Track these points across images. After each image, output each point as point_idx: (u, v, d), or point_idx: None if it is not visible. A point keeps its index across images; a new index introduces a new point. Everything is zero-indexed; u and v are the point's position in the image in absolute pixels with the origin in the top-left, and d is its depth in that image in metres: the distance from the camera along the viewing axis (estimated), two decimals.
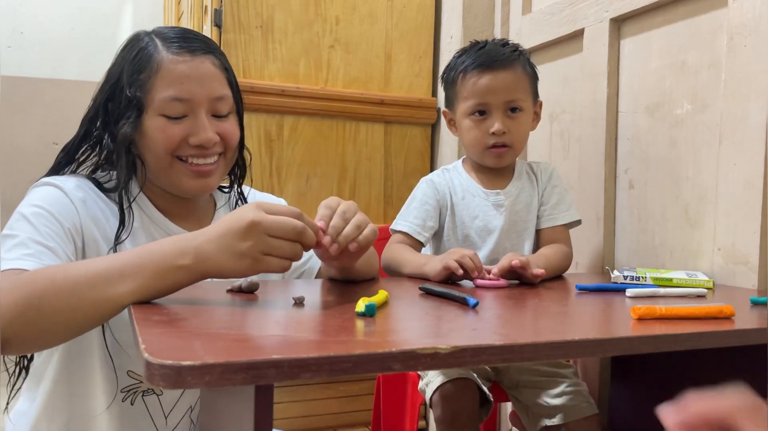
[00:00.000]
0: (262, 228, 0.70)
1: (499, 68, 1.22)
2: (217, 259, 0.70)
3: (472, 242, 1.27)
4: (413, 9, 2.10)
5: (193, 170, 0.95)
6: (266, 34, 1.91)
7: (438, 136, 2.13)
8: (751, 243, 1.14)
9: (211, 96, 0.94)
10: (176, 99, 0.92)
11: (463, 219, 1.28)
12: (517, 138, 1.26)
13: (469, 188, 1.30)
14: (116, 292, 0.69)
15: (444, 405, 1.14)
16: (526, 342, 0.61)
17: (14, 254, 0.79)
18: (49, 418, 0.92)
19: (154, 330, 0.59)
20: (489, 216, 1.27)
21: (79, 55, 3.16)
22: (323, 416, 1.98)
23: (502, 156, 1.26)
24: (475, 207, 1.28)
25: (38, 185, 0.92)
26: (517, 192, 1.29)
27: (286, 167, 1.95)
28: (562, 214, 1.30)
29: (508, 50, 1.25)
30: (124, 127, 0.92)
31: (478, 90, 1.23)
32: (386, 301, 0.80)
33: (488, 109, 1.24)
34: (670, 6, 1.35)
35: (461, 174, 1.33)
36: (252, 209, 0.71)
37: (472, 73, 1.24)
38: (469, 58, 1.25)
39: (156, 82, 0.92)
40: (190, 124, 0.93)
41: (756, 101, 1.13)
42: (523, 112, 1.25)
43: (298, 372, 0.50)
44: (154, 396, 0.95)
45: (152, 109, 0.92)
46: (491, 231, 1.27)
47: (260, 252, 0.70)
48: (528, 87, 1.27)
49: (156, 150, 0.93)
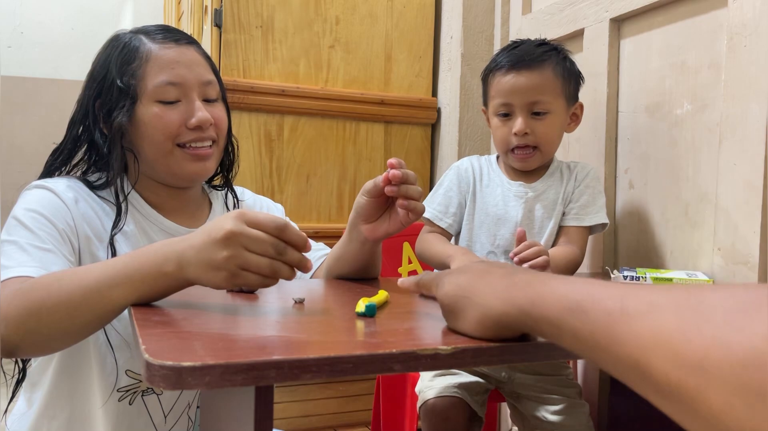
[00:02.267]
0: (238, 241, 0.66)
1: (523, 69, 1.20)
2: (195, 268, 0.68)
3: (488, 229, 1.27)
4: (413, 9, 2.10)
5: (192, 154, 0.96)
6: (266, 34, 1.91)
7: (438, 136, 2.13)
8: (751, 243, 1.14)
9: (201, 80, 0.97)
10: (170, 83, 0.94)
11: (482, 205, 1.28)
12: (544, 140, 1.23)
13: (495, 178, 1.30)
14: (109, 300, 0.70)
15: (431, 422, 1.14)
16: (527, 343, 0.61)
17: (16, 261, 0.80)
18: (49, 419, 0.92)
19: (154, 331, 0.59)
20: (508, 206, 1.26)
21: (79, 55, 3.16)
22: (323, 416, 1.98)
23: (527, 159, 1.24)
24: (496, 195, 1.28)
25: (29, 188, 0.92)
26: (544, 188, 1.27)
27: (286, 167, 1.95)
28: (589, 215, 1.26)
29: (540, 50, 1.23)
30: (119, 117, 0.92)
31: (502, 89, 1.23)
32: (386, 301, 0.79)
33: (512, 109, 1.23)
34: (670, 6, 1.35)
35: (492, 163, 1.33)
36: (232, 219, 0.68)
37: (499, 72, 1.23)
38: (501, 56, 1.25)
39: (147, 69, 0.93)
40: (185, 109, 0.95)
41: (756, 101, 1.13)
42: (550, 115, 1.22)
43: (298, 373, 0.50)
44: (153, 396, 0.95)
45: (146, 97, 0.93)
46: (508, 220, 1.26)
47: (236, 266, 0.67)
48: (557, 89, 1.23)
49: (155, 137, 0.94)
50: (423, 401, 1.16)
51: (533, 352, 0.61)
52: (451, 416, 1.14)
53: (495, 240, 1.26)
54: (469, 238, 1.29)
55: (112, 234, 0.91)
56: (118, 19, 3.31)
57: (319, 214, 2.00)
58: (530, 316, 0.51)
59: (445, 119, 2.08)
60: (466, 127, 1.97)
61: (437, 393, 1.15)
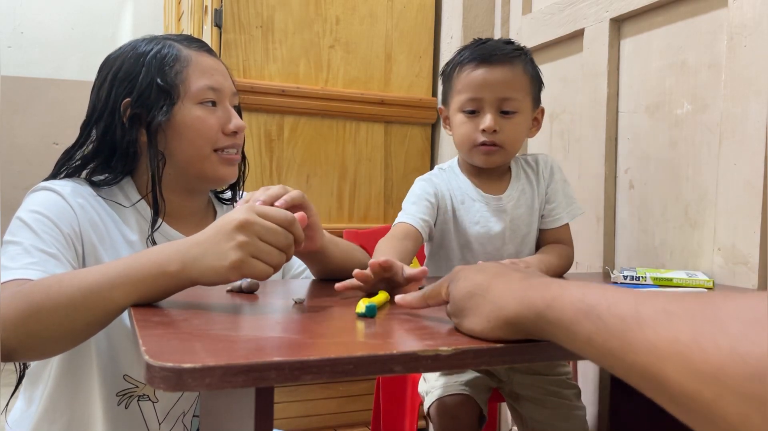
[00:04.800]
0: (253, 230, 0.69)
1: (495, 63, 1.15)
2: (201, 262, 0.69)
3: (473, 248, 1.22)
4: (413, 9, 2.10)
5: (225, 158, 0.99)
6: (266, 34, 1.91)
7: (438, 136, 2.13)
8: (751, 243, 1.14)
9: (232, 90, 1.02)
10: (211, 88, 0.97)
11: (463, 225, 1.22)
12: (510, 139, 1.17)
13: (468, 192, 1.23)
14: (110, 301, 0.70)
15: (441, 421, 1.13)
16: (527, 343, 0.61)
17: (19, 263, 0.80)
18: (49, 423, 0.92)
19: (155, 332, 0.59)
20: (490, 223, 1.21)
21: (79, 55, 3.16)
22: (323, 416, 1.98)
23: (491, 155, 1.18)
24: (475, 212, 1.22)
25: (36, 190, 0.91)
26: (518, 195, 1.23)
27: (286, 167, 1.95)
28: (565, 211, 1.24)
29: (510, 47, 1.19)
30: (158, 116, 0.93)
31: (471, 83, 1.16)
32: (386, 302, 0.79)
33: (481, 105, 1.16)
34: (670, 6, 1.35)
35: (458, 176, 1.26)
36: (245, 211, 0.70)
37: (468, 66, 1.17)
38: (467, 51, 1.20)
39: (190, 72, 0.96)
40: (222, 115, 0.99)
41: (756, 101, 1.13)
42: (518, 114, 1.17)
43: (299, 374, 0.50)
44: (149, 402, 0.95)
45: (188, 98, 0.95)
46: (492, 237, 1.21)
47: (248, 254, 0.68)
48: (527, 88, 1.19)
49: (196, 140, 0.96)
50: (431, 401, 1.15)
51: (534, 353, 0.61)
52: (461, 414, 1.13)
53: (482, 258, 1.22)
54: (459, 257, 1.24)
55: (151, 233, 0.94)
56: (118, 19, 3.31)
57: (319, 213, 1.99)
58: (545, 318, 0.51)
59: None
60: None
61: (445, 391, 1.14)
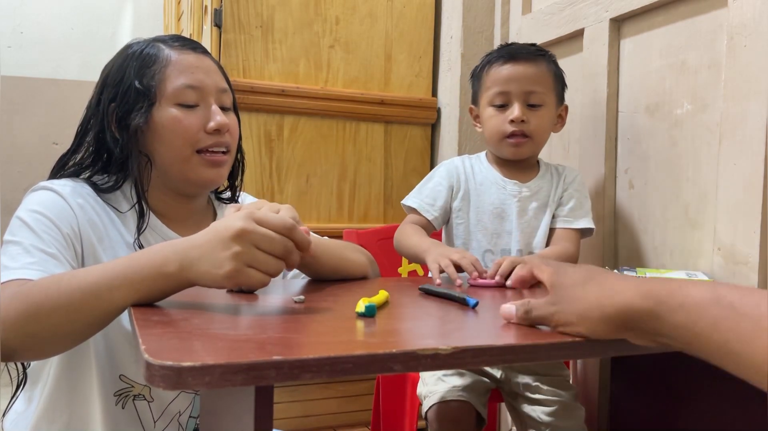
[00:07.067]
0: (249, 239, 0.68)
1: (521, 60, 1.26)
2: (198, 267, 0.68)
3: (484, 228, 1.28)
4: (413, 9, 2.10)
5: (209, 160, 0.96)
6: (266, 34, 1.91)
7: (438, 136, 2.13)
8: (751, 243, 1.14)
9: (218, 87, 0.98)
10: (189, 86, 0.94)
11: (478, 204, 1.30)
12: (537, 130, 1.27)
13: (489, 176, 1.32)
14: (109, 301, 0.70)
15: (440, 426, 1.14)
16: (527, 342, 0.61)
17: (19, 263, 0.80)
18: (49, 420, 0.92)
19: (154, 331, 0.59)
20: (504, 205, 1.28)
21: (79, 55, 3.16)
22: (323, 416, 1.98)
23: (520, 146, 1.27)
24: (491, 194, 1.30)
25: (36, 189, 0.92)
26: (537, 188, 1.30)
27: (286, 167, 1.95)
28: (578, 219, 1.29)
29: (533, 48, 1.30)
30: (136, 119, 0.92)
31: (499, 78, 1.27)
32: (386, 301, 0.80)
33: (509, 98, 1.26)
34: (670, 6, 1.35)
35: (483, 163, 1.35)
36: (243, 218, 0.69)
37: (495, 63, 1.28)
38: (495, 53, 1.31)
39: (167, 72, 0.94)
40: (203, 113, 0.96)
41: (756, 101, 1.13)
42: (543, 108, 1.27)
43: (298, 373, 0.50)
44: (144, 402, 0.95)
45: (165, 99, 0.94)
46: (504, 219, 1.28)
47: (244, 263, 0.67)
48: (551, 84, 1.29)
49: (174, 142, 0.94)
50: (429, 406, 1.16)
51: (533, 352, 0.61)
52: (459, 420, 1.14)
53: (493, 239, 1.27)
54: (465, 237, 1.29)
55: (137, 236, 0.92)
56: (118, 19, 3.31)
57: (319, 213, 2.00)
58: (666, 305, 0.53)
59: (444, 119, 2.08)
60: (466, 126, 1.97)
61: (443, 397, 1.15)
